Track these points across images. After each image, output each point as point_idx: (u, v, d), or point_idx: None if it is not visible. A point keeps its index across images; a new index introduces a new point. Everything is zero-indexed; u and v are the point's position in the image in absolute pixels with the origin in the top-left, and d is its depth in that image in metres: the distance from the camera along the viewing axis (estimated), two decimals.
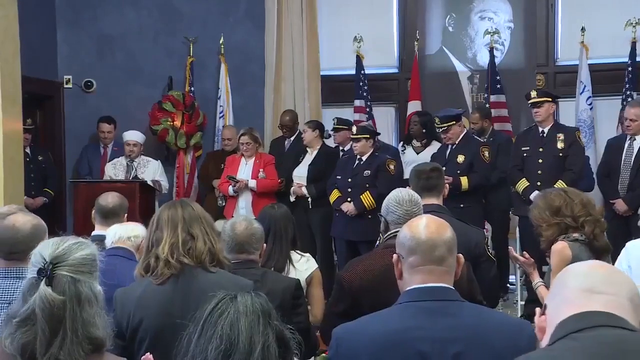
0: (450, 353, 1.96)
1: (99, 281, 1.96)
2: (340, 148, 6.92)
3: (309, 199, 6.62)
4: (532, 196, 4.84)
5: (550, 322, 1.50)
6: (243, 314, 1.76)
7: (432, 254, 2.07)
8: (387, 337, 2.02)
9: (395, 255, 2.16)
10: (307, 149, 6.78)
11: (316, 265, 3.87)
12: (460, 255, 2.16)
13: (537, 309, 1.58)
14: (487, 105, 7.24)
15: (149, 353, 2.15)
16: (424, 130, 6.98)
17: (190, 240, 2.53)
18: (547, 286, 3.32)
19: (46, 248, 1.88)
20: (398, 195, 3.00)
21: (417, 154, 6.94)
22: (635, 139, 5.92)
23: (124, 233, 3.44)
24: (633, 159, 5.88)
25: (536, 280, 3.44)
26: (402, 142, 7.35)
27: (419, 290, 2.06)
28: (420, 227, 2.12)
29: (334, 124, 6.87)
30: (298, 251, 3.85)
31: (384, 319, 2.09)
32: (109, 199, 3.94)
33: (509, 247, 3.69)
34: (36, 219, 2.91)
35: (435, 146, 6.93)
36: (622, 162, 5.94)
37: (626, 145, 5.96)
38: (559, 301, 1.51)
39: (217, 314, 1.77)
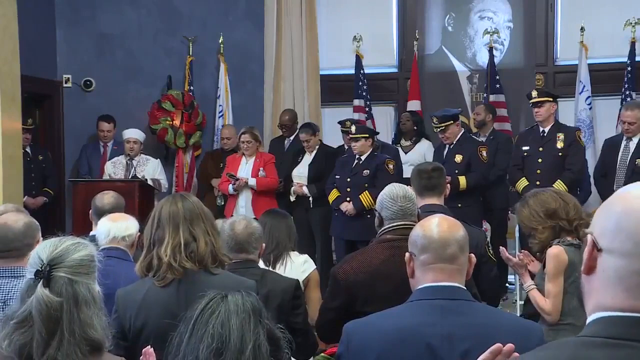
0: (459, 350, 1.98)
1: (97, 281, 1.96)
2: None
3: (310, 199, 6.62)
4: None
5: (603, 279, 1.20)
6: (234, 313, 1.77)
7: (444, 252, 2.08)
8: (398, 332, 2.03)
9: (407, 254, 2.17)
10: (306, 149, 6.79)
11: (314, 267, 3.88)
12: (472, 254, 2.16)
13: (589, 237, 1.22)
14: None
15: (149, 346, 2.13)
16: (415, 128, 7.00)
17: (192, 242, 2.50)
18: (540, 289, 3.32)
19: (44, 249, 1.87)
20: (392, 191, 3.00)
21: (405, 153, 6.95)
22: (631, 139, 5.92)
23: (118, 232, 3.36)
24: (629, 159, 5.89)
25: (528, 282, 3.40)
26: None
27: (431, 289, 2.07)
28: (433, 225, 2.13)
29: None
30: (296, 252, 3.86)
31: (395, 315, 2.10)
32: (105, 199, 3.88)
33: (501, 247, 3.67)
34: (28, 217, 2.90)
35: (423, 144, 6.95)
36: (618, 162, 5.95)
37: (622, 145, 5.97)
38: (611, 269, 1.18)
39: (208, 313, 1.78)
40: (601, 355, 1.14)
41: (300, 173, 6.71)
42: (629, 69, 6.98)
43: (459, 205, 5.51)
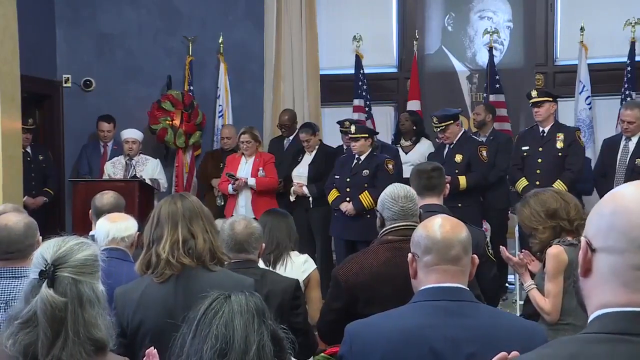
0: (464, 353, 1.96)
1: (101, 281, 1.96)
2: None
3: (310, 199, 6.62)
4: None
5: (600, 278, 1.21)
6: (238, 313, 1.77)
7: (447, 253, 2.07)
8: (401, 334, 2.02)
9: (410, 255, 2.16)
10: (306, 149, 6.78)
11: (314, 266, 3.87)
12: (475, 256, 2.15)
13: (583, 239, 1.25)
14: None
15: (152, 347, 2.14)
16: (414, 127, 7.00)
17: (191, 239, 2.52)
18: (540, 289, 3.32)
19: (48, 249, 1.87)
20: (393, 191, 2.98)
21: (406, 153, 6.94)
22: (630, 139, 5.92)
23: (118, 233, 3.35)
24: (628, 158, 5.89)
25: (528, 282, 3.41)
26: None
27: (434, 290, 2.06)
28: (436, 226, 2.12)
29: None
30: (296, 252, 3.86)
31: (398, 316, 2.09)
32: (105, 200, 3.87)
33: (501, 247, 3.67)
34: (27, 217, 2.91)
35: (423, 144, 6.95)
36: (618, 161, 5.95)
37: (622, 145, 5.97)
38: (607, 267, 1.20)
39: (212, 313, 1.77)
40: (603, 350, 1.14)
41: (300, 173, 6.71)
42: (629, 68, 6.98)
43: (459, 205, 5.51)
